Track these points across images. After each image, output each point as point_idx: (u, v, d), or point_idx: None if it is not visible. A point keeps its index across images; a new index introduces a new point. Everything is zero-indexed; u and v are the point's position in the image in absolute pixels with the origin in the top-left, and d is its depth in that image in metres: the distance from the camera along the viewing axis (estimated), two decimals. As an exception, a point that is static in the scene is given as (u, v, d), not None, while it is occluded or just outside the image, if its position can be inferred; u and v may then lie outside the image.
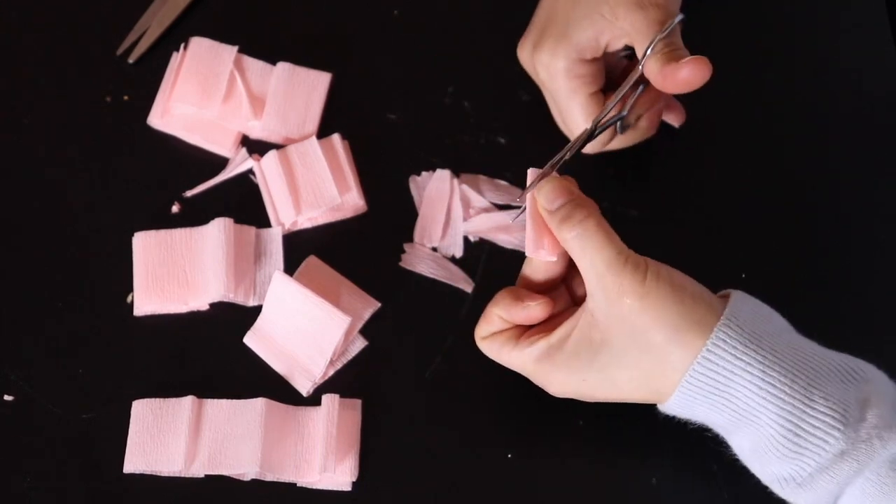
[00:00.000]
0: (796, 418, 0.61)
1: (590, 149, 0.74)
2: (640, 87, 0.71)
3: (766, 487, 0.69)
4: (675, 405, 0.64)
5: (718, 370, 0.62)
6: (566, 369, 0.65)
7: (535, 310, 0.66)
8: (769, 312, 0.65)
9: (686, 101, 0.71)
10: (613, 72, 0.75)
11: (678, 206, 0.79)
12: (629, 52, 0.72)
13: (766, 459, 0.63)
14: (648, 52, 0.68)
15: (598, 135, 0.71)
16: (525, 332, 0.68)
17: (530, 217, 0.66)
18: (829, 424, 0.60)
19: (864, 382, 0.62)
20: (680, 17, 0.68)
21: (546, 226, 0.65)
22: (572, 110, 0.72)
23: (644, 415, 0.73)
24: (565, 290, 0.70)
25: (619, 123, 0.72)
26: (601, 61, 0.73)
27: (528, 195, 0.66)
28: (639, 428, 0.73)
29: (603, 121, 0.70)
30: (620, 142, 0.75)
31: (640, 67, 0.68)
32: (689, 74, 0.66)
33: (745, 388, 0.61)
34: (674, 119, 0.79)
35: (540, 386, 0.68)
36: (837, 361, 0.63)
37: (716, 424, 0.65)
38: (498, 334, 0.68)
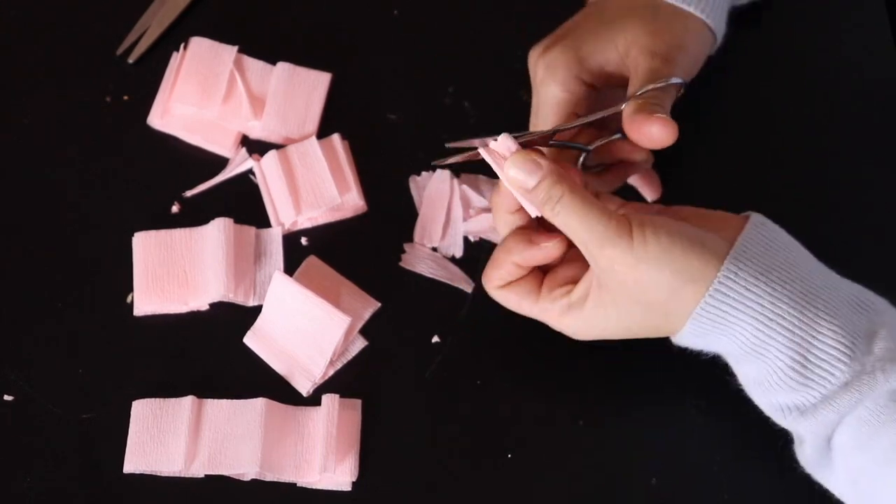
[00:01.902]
0: (804, 350, 0.62)
1: None
2: (618, 135, 0.70)
3: (765, 490, 0.69)
4: (685, 340, 0.66)
5: (725, 308, 0.63)
6: (587, 322, 0.67)
7: (551, 249, 0.67)
8: (785, 242, 0.65)
9: (685, 100, 0.71)
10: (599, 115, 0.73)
11: (675, 205, 0.79)
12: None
13: (772, 390, 0.64)
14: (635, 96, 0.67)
15: (554, 145, 0.69)
16: (541, 281, 0.68)
17: (515, 192, 0.66)
18: (836, 357, 0.62)
19: (874, 313, 0.64)
20: (679, 80, 0.68)
21: None
22: (546, 119, 0.72)
23: (644, 415, 0.73)
24: None
25: (582, 157, 0.71)
26: (595, 93, 0.72)
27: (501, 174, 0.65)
28: (639, 428, 0.73)
29: (565, 134, 0.69)
30: None
31: (623, 106, 0.68)
32: (656, 131, 0.66)
33: (751, 325, 0.63)
34: (648, 193, 0.78)
35: (559, 331, 0.69)
36: (850, 292, 0.64)
37: (726, 353, 0.67)
38: (515, 284, 0.69)
